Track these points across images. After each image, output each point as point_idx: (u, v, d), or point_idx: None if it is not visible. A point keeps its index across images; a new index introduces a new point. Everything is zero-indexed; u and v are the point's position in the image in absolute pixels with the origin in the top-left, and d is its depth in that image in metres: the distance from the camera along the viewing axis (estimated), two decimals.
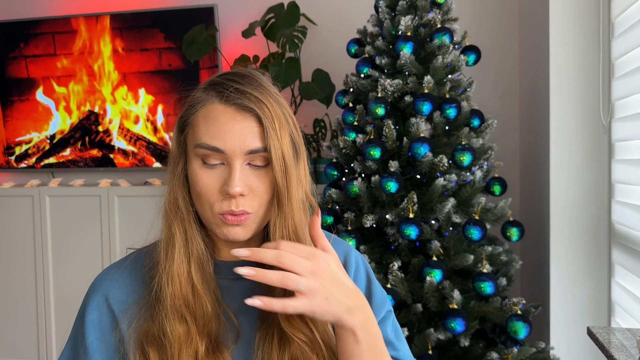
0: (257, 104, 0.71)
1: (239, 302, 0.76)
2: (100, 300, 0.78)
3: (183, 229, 0.76)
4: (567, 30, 1.77)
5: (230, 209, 0.71)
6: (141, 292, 0.77)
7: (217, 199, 0.72)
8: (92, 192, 2.55)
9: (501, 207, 1.71)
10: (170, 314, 0.72)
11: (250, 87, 0.73)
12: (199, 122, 0.72)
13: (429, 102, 1.64)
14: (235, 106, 0.71)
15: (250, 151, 0.70)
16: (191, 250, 0.75)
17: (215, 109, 0.72)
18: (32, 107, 2.77)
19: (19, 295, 2.64)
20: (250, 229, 0.74)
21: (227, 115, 0.71)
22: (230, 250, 0.68)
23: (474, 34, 2.24)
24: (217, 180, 0.72)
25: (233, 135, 0.70)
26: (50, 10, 2.80)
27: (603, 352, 1.11)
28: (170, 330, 0.72)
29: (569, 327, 1.78)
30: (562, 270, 1.78)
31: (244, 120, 0.71)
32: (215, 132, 0.71)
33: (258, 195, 0.72)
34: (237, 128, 0.70)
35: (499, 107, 2.30)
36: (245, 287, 0.78)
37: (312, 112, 2.47)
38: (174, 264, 0.74)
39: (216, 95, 0.72)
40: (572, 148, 1.77)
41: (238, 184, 0.70)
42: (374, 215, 1.65)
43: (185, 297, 0.73)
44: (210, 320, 0.73)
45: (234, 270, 0.65)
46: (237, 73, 0.75)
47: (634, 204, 1.53)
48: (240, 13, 2.59)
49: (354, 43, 1.97)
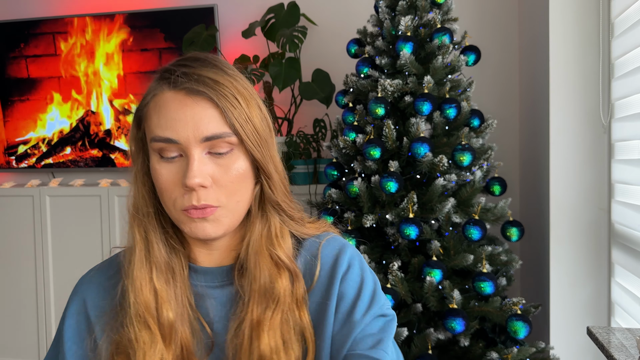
0: (209, 86, 0.66)
1: (216, 310, 0.73)
2: (79, 305, 0.76)
3: (143, 232, 0.71)
4: (567, 30, 1.77)
5: (192, 203, 0.65)
6: (113, 301, 0.73)
7: (179, 194, 0.66)
8: (92, 192, 2.55)
9: (501, 207, 1.71)
10: (135, 321, 0.69)
11: (201, 69, 0.67)
12: (151, 114, 0.68)
13: (429, 102, 1.64)
14: (185, 91, 0.65)
15: (206, 138, 0.65)
16: (152, 255, 0.70)
17: (165, 97, 0.66)
18: (33, 107, 2.77)
19: (19, 295, 2.64)
20: (222, 225, 0.68)
21: (176, 102, 0.65)
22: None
23: (474, 34, 2.24)
24: (176, 174, 0.66)
25: (185, 123, 0.64)
26: (50, 10, 2.80)
27: (603, 352, 1.11)
28: (135, 337, 0.68)
29: (569, 327, 1.78)
30: (562, 270, 1.78)
31: (195, 105, 0.65)
32: (167, 122, 0.65)
33: (223, 186, 0.67)
34: (189, 115, 0.65)
35: (498, 107, 2.30)
36: (222, 294, 0.74)
37: (312, 112, 2.47)
38: (134, 269, 0.70)
39: (165, 82, 0.67)
40: (572, 148, 1.77)
41: (196, 175, 0.64)
42: (374, 215, 1.65)
43: (147, 303, 0.69)
44: (173, 328, 0.69)
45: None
46: (188, 57, 0.70)
47: (634, 204, 1.53)
48: (240, 13, 2.59)
49: (354, 43, 1.97)
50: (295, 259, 0.76)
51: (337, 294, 0.73)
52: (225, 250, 0.75)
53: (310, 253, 0.77)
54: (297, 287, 0.72)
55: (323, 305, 0.73)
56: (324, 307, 0.73)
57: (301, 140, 2.33)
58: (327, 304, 0.73)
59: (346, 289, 0.73)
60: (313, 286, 0.74)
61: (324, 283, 0.74)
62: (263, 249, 0.72)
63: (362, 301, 0.73)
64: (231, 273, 0.74)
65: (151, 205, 0.72)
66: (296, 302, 0.71)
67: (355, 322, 0.71)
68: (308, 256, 0.76)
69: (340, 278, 0.74)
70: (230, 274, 0.74)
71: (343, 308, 0.72)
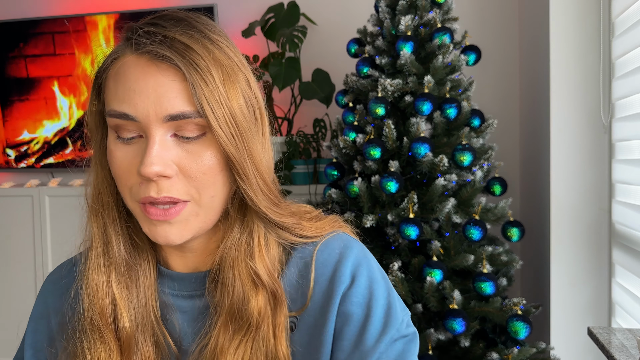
0: (179, 51, 0.52)
1: (185, 324, 0.61)
2: (42, 308, 0.66)
3: (102, 226, 0.60)
4: (567, 29, 1.77)
5: (149, 194, 0.52)
6: (67, 304, 0.63)
7: (136, 182, 0.54)
8: None
9: (501, 207, 1.71)
10: (88, 330, 0.58)
11: (173, 30, 0.53)
12: (109, 83, 0.55)
13: (429, 102, 1.63)
14: (149, 55, 0.52)
15: (170, 117, 0.51)
16: (111, 253, 0.59)
17: (125, 63, 0.53)
18: (32, 107, 2.77)
19: (18, 295, 2.63)
20: (190, 227, 0.55)
21: (138, 69, 0.52)
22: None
23: (474, 33, 2.23)
24: (133, 157, 0.54)
25: (146, 96, 0.51)
26: (50, 10, 2.79)
27: (603, 353, 1.11)
28: (88, 348, 0.58)
29: (570, 328, 1.78)
30: (563, 270, 1.78)
31: (159, 74, 0.51)
32: (125, 93, 0.52)
33: (192, 177, 0.53)
34: (150, 86, 0.51)
35: (499, 107, 2.30)
36: (193, 307, 0.61)
37: (312, 112, 2.47)
38: (90, 270, 0.59)
39: (127, 43, 0.54)
40: (573, 148, 1.77)
41: (155, 162, 0.51)
42: (374, 215, 1.65)
43: (102, 310, 0.58)
44: (132, 341, 0.58)
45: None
46: (162, 15, 0.56)
47: (634, 204, 1.53)
48: (240, 13, 2.58)
49: (354, 43, 1.97)
50: (281, 275, 0.61)
51: (338, 315, 0.59)
52: (201, 254, 0.62)
53: (302, 264, 0.62)
54: (278, 312, 0.58)
55: (317, 332, 0.59)
56: (317, 333, 0.59)
57: (301, 140, 2.33)
58: (322, 330, 0.59)
59: (351, 308, 0.59)
60: (306, 307, 0.60)
61: (318, 302, 0.60)
62: (240, 260, 0.58)
63: (373, 323, 0.58)
64: (205, 282, 0.62)
65: (111, 194, 0.60)
66: (273, 331, 0.57)
67: (367, 352, 0.57)
68: (300, 268, 0.62)
69: (340, 295, 0.59)
70: (204, 283, 0.62)
71: (349, 334, 0.58)
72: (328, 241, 0.63)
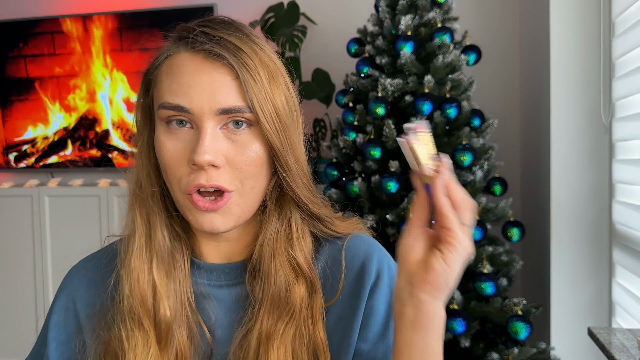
0: (231, 51, 0.57)
1: (220, 314, 0.64)
2: (67, 301, 0.68)
3: (145, 215, 0.62)
4: (567, 29, 1.76)
5: (199, 181, 0.56)
6: (105, 294, 0.65)
7: (185, 173, 0.57)
8: (92, 192, 2.55)
9: (502, 207, 1.70)
10: (127, 318, 0.60)
11: (224, 32, 0.58)
12: (162, 78, 0.59)
13: (430, 102, 1.63)
14: (204, 53, 0.56)
15: (222, 110, 0.56)
16: (155, 242, 0.61)
17: (180, 59, 0.58)
18: (32, 107, 2.77)
19: (18, 295, 2.63)
20: (233, 215, 0.59)
21: (193, 65, 0.56)
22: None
23: (475, 33, 2.23)
24: (183, 148, 0.57)
25: (201, 90, 0.55)
26: (49, 10, 2.79)
27: (604, 353, 1.11)
28: (126, 336, 0.60)
29: (570, 328, 1.78)
30: (563, 270, 1.78)
31: (214, 71, 0.56)
32: (180, 87, 0.56)
33: (238, 168, 0.57)
34: (205, 81, 0.56)
35: (499, 107, 2.30)
36: (229, 296, 0.64)
37: (312, 111, 2.47)
38: (132, 259, 0.61)
39: (182, 42, 0.59)
40: (573, 148, 1.77)
41: (208, 151, 0.55)
42: (374, 215, 1.65)
43: (143, 298, 0.60)
44: (170, 330, 0.60)
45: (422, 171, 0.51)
46: (211, 18, 0.61)
47: (634, 204, 1.53)
48: (240, 12, 2.58)
49: (354, 42, 1.97)
50: (314, 265, 0.65)
51: (365, 308, 0.64)
52: (235, 244, 0.65)
53: (331, 257, 0.67)
54: (315, 299, 0.62)
55: (347, 321, 0.64)
56: (348, 322, 0.64)
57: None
58: (351, 321, 0.63)
59: (376, 304, 0.64)
60: (336, 298, 0.64)
61: (348, 294, 0.65)
62: (280, 250, 0.62)
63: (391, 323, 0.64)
64: (242, 271, 0.65)
65: (156, 184, 0.62)
66: (312, 316, 0.62)
67: (391, 345, 0.62)
68: (329, 260, 0.66)
69: (368, 291, 0.64)
70: (241, 273, 0.65)
71: (375, 327, 0.63)
72: (355, 239, 0.69)
